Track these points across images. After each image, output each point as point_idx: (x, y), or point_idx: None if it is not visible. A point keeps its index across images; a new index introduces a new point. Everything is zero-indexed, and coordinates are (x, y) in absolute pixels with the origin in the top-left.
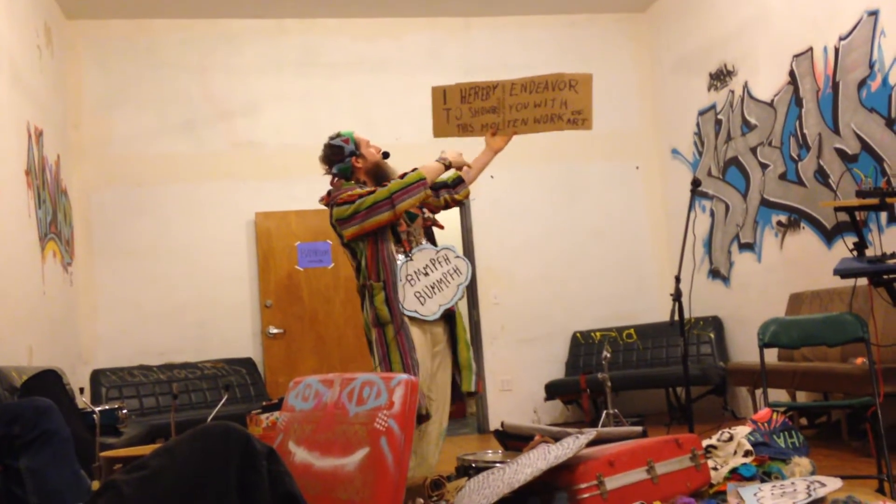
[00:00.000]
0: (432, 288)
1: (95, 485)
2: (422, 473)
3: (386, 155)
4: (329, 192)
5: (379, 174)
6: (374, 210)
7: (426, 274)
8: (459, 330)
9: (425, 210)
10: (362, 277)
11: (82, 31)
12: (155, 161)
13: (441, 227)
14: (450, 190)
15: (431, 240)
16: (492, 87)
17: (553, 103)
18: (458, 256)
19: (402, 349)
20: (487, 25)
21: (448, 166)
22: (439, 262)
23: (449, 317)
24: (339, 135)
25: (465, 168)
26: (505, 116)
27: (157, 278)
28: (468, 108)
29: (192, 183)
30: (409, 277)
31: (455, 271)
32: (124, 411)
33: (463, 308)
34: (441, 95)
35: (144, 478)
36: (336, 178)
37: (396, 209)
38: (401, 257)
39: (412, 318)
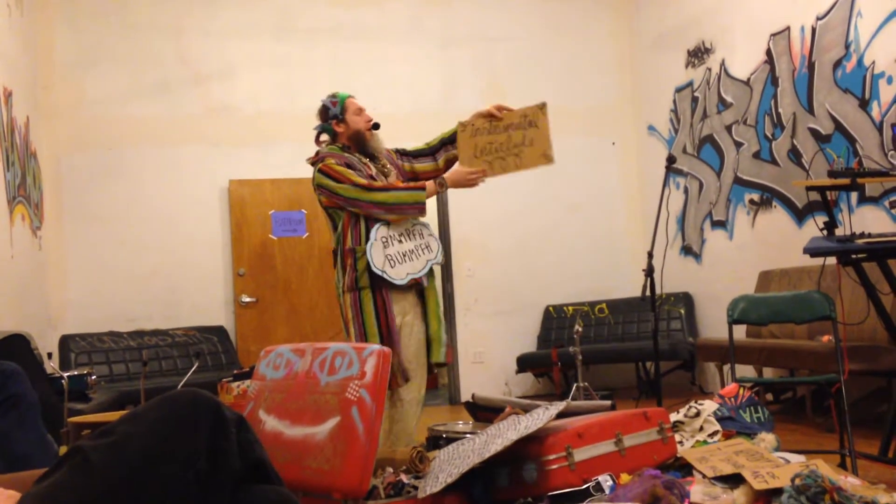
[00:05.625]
0: (404, 255)
1: (63, 450)
2: (403, 441)
3: (376, 126)
4: (317, 152)
5: (361, 143)
6: (355, 203)
7: (400, 241)
8: (432, 304)
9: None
10: (336, 242)
11: None
12: (127, 124)
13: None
14: (447, 148)
15: None
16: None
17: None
18: (430, 234)
19: (380, 315)
20: None
21: (441, 189)
22: (413, 234)
23: (420, 290)
24: (332, 95)
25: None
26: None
27: (127, 244)
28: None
29: (165, 147)
30: (384, 239)
31: (426, 247)
32: (93, 377)
33: (437, 280)
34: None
35: (111, 444)
36: (319, 136)
37: (373, 215)
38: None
39: (381, 280)
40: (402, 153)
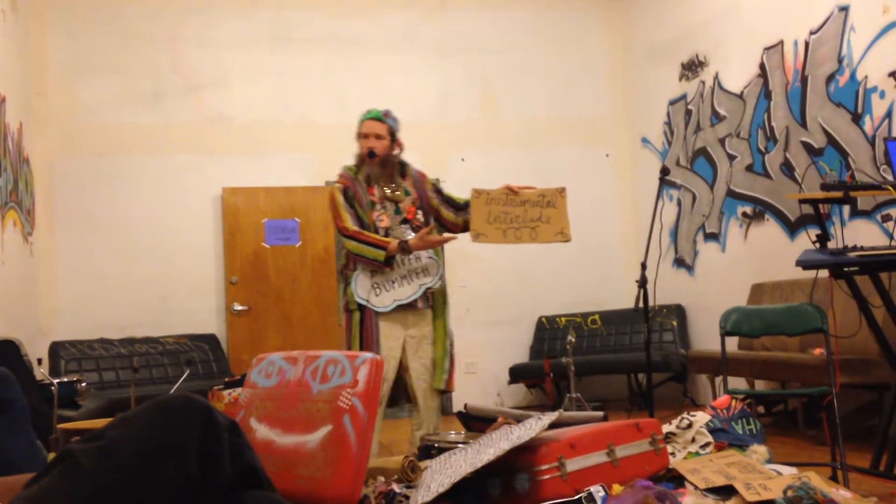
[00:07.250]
0: (393, 281)
1: (52, 456)
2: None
3: (370, 154)
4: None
5: (360, 166)
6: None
7: (392, 267)
8: (440, 330)
9: (419, 214)
10: (340, 262)
11: None
12: (120, 131)
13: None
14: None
15: None
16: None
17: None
18: (430, 257)
19: (365, 339)
20: (463, 6)
21: (405, 251)
22: (408, 259)
23: (434, 307)
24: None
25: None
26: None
27: (119, 251)
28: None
29: (158, 155)
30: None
31: (422, 271)
32: (83, 384)
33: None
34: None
35: (102, 448)
36: None
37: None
38: None
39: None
40: (438, 190)
